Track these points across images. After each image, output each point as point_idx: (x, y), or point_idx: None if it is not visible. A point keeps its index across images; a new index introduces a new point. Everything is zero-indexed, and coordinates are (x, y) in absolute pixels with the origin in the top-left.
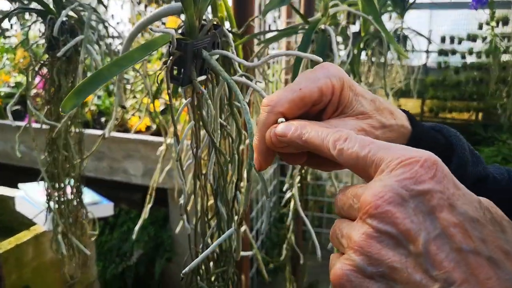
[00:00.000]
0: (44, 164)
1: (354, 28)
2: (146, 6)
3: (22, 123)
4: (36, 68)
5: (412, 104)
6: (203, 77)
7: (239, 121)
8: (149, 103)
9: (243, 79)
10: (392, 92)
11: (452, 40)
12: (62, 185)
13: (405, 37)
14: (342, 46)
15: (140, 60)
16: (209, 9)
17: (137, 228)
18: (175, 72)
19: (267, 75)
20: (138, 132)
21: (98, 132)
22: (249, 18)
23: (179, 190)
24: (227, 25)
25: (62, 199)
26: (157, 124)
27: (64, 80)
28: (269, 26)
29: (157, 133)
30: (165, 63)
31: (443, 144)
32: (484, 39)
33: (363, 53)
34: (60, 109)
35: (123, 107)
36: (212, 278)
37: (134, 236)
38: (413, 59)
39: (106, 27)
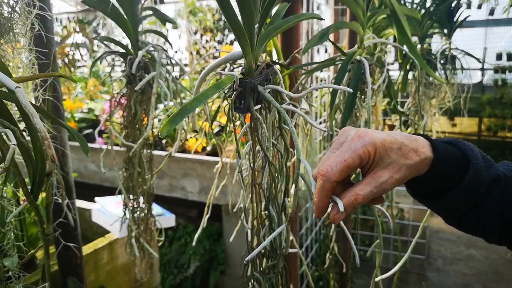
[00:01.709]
0: (122, 179)
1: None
2: (201, 36)
3: (94, 145)
4: (118, 99)
5: (468, 123)
6: (258, 106)
7: (287, 140)
8: (204, 126)
9: (290, 107)
10: (442, 112)
11: (509, 57)
12: (136, 196)
13: (453, 57)
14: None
15: (213, 95)
16: None
17: (196, 237)
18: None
19: (311, 101)
20: (195, 152)
21: (162, 152)
22: (293, 51)
23: (233, 205)
24: (274, 56)
25: (136, 209)
26: (212, 144)
27: (140, 108)
28: (317, 50)
29: (211, 153)
30: (230, 96)
31: (460, 157)
32: None
33: (410, 74)
34: (159, 133)
35: (195, 131)
36: (266, 271)
37: (194, 243)
38: (464, 77)
39: (172, 64)
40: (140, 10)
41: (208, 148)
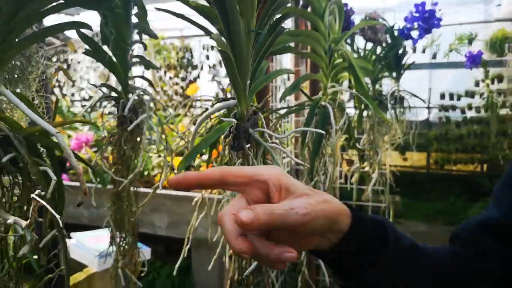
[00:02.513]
0: (110, 212)
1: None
2: (165, 72)
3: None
4: (109, 139)
5: (417, 157)
6: (248, 145)
7: None
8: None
9: (275, 145)
10: (393, 147)
11: (451, 96)
12: (123, 228)
13: (402, 98)
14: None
15: (215, 138)
16: None
17: (176, 267)
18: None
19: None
20: (163, 187)
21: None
22: (265, 96)
23: (200, 240)
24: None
25: (123, 241)
26: None
27: (129, 146)
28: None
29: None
30: (226, 137)
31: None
32: (481, 95)
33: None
34: (176, 169)
35: (173, 168)
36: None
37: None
38: (412, 115)
39: (155, 104)
40: (130, 58)
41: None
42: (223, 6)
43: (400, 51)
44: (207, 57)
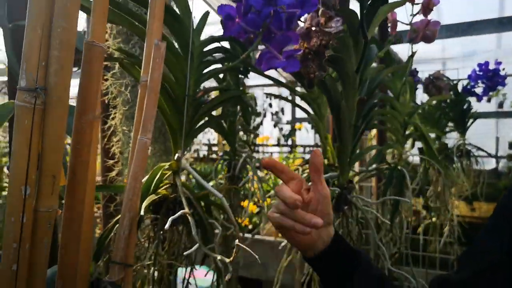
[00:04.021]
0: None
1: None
2: None
3: None
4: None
5: (486, 207)
6: (346, 206)
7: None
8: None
9: (366, 208)
10: (461, 199)
11: None
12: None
13: (468, 152)
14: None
15: None
16: None
17: None
18: None
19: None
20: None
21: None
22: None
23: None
24: None
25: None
26: (253, 223)
27: (235, 199)
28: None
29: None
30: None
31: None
32: None
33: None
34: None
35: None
36: None
37: None
38: (479, 166)
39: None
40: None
41: (250, 227)
42: (338, 113)
43: (465, 106)
44: (270, 105)
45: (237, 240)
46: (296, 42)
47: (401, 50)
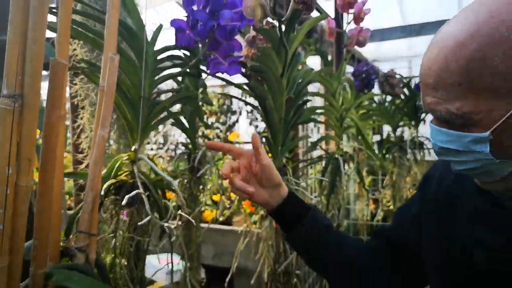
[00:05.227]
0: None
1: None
2: (207, 118)
3: None
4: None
5: None
6: None
7: None
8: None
9: (296, 187)
10: (415, 188)
11: None
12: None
13: (421, 143)
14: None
15: None
16: None
17: None
18: None
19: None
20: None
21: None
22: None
23: (241, 269)
24: None
25: (190, 261)
26: (224, 215)
27: (195, 188)
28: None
29: (223, 223)
30: None
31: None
32: None
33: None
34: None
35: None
36: None
37: None
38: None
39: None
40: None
41: (220, 219)
42: (265, 110)
43: (417, 102)
44: (246, 104)
45: (180, 211)
46: (240, 49)
47: (368, 51)
